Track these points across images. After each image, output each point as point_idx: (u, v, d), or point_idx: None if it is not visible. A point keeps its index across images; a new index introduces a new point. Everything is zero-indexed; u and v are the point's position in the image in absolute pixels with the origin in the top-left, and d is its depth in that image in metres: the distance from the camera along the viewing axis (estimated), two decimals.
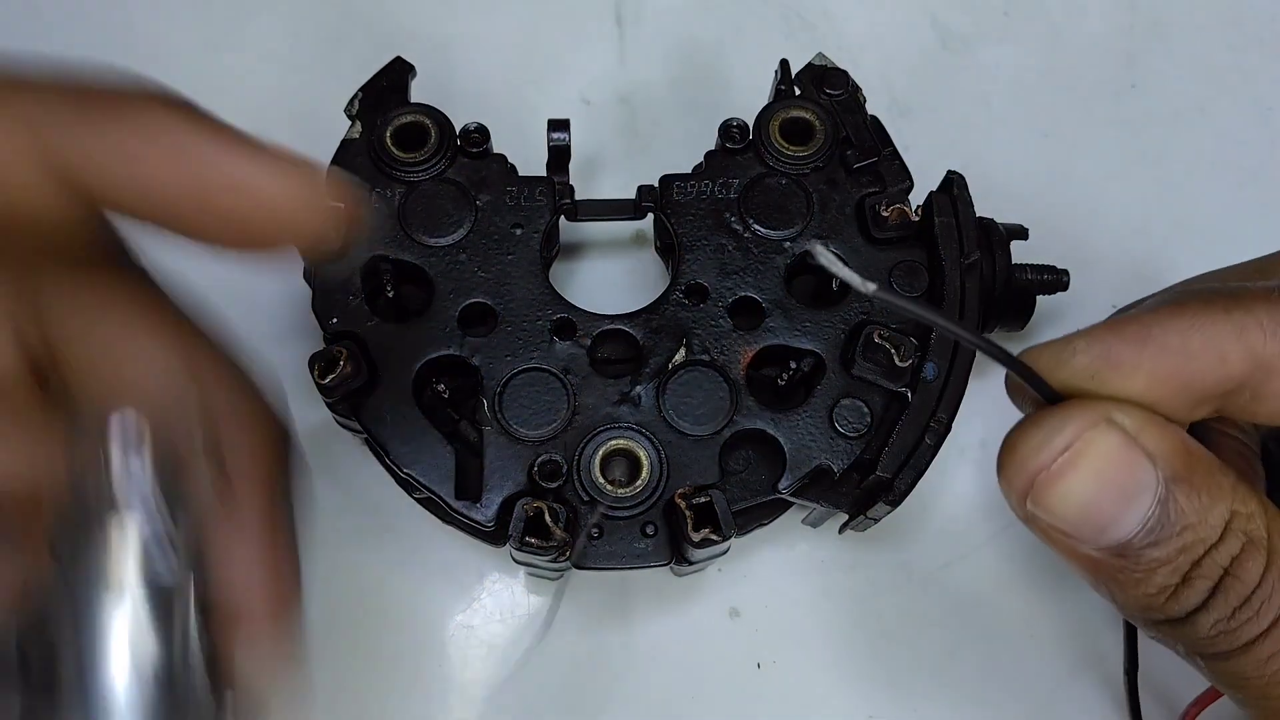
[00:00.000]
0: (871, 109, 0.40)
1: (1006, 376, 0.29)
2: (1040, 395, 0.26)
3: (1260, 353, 0.25)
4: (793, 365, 0.37)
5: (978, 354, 0.36)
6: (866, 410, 0.36)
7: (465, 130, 0.39)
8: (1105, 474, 0.24)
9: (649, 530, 0.35)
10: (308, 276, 0.38)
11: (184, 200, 0.23)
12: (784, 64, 0.40)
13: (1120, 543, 0.24)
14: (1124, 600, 0.26)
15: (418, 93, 0.40)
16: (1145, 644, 0.35)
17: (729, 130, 0.39)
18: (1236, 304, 0.25)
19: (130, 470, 0.22)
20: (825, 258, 0.21)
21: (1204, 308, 0.25)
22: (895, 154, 0.39)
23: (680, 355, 0.37)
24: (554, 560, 0.34)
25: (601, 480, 0.35)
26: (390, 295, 0.38)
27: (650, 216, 0.40)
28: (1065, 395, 0.26)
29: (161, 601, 0.22)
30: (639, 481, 0.35)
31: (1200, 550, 0.24)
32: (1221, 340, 0.25)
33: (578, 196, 0.40)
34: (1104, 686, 0.39)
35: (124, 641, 0.21)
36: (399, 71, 0.40)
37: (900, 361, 0.35)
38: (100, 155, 0.22)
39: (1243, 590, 0.24)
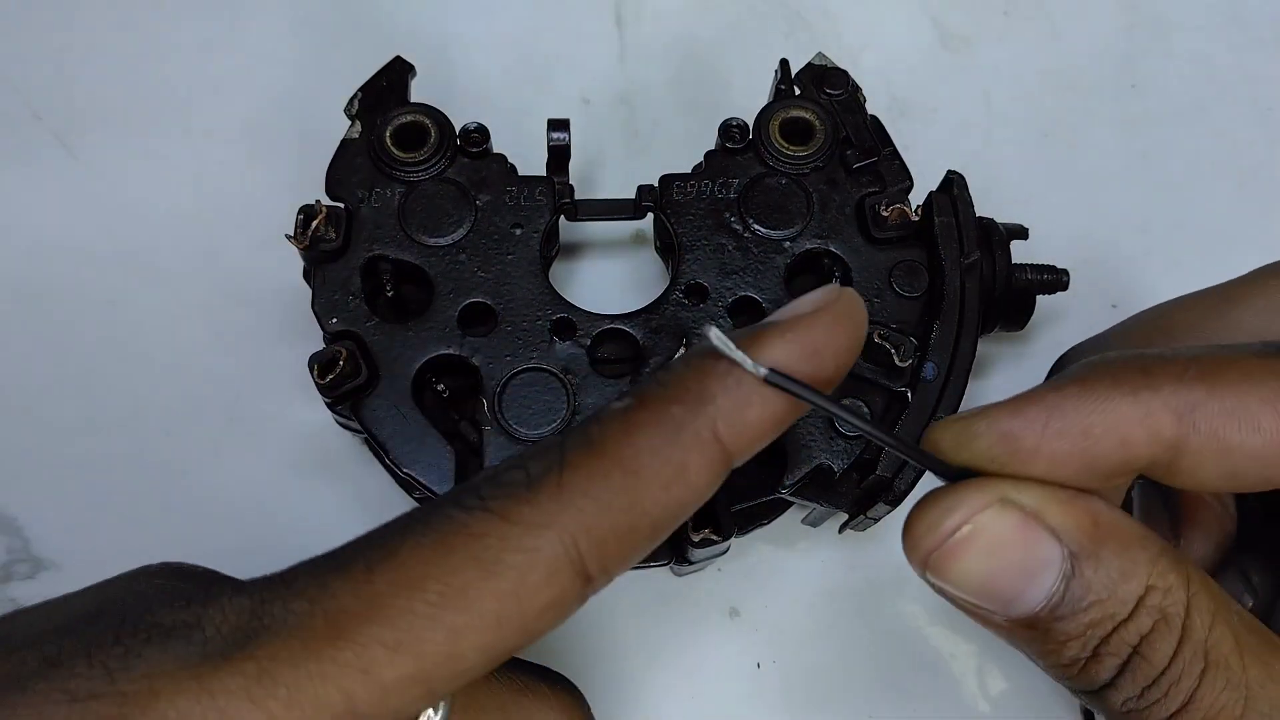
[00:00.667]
0: (871, 109, 0.40)
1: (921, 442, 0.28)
2: (939, 476, 0.26)
3: (1167, 436, 0.24)
4: None
5: (977, 353, 0.36)
6: (866, 410, 0.36)
7: (465, 130, 0.39)
8: (1000, 554, 0.24)
9: None
10: (307, 276, 0.38)
11: None
12: (784, 64, 0.40)
13: (1027, 616, 0.24)
14: (1042, 666, 0.25)
15: (418, 93, 0.40)
16: None
17: (729, 130, 0.39)
18: (1145, 383, 0.24)
19: None
20: (718, 340, 0.23)
21: (1110, 388, 0.24)
22: (895, 154, 0.39)
23: (680, 355, 0.37)
24: None
25: None
26: (390, 295, 0.38)
27: (650, 216, 0.40)
28: (969, 472, 0.25)
29: None
30: None
31: (1109, 626, 0.24)
32: (1124, 425, 0.24)
33: (578, 196, 0.40)
34: None
35: None
36: (399, 71, 0.40)
37: (900, 361, 0.35)
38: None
39: (1150, 672, 0.24)
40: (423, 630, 0.21)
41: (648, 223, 0.41)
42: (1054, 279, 0.40)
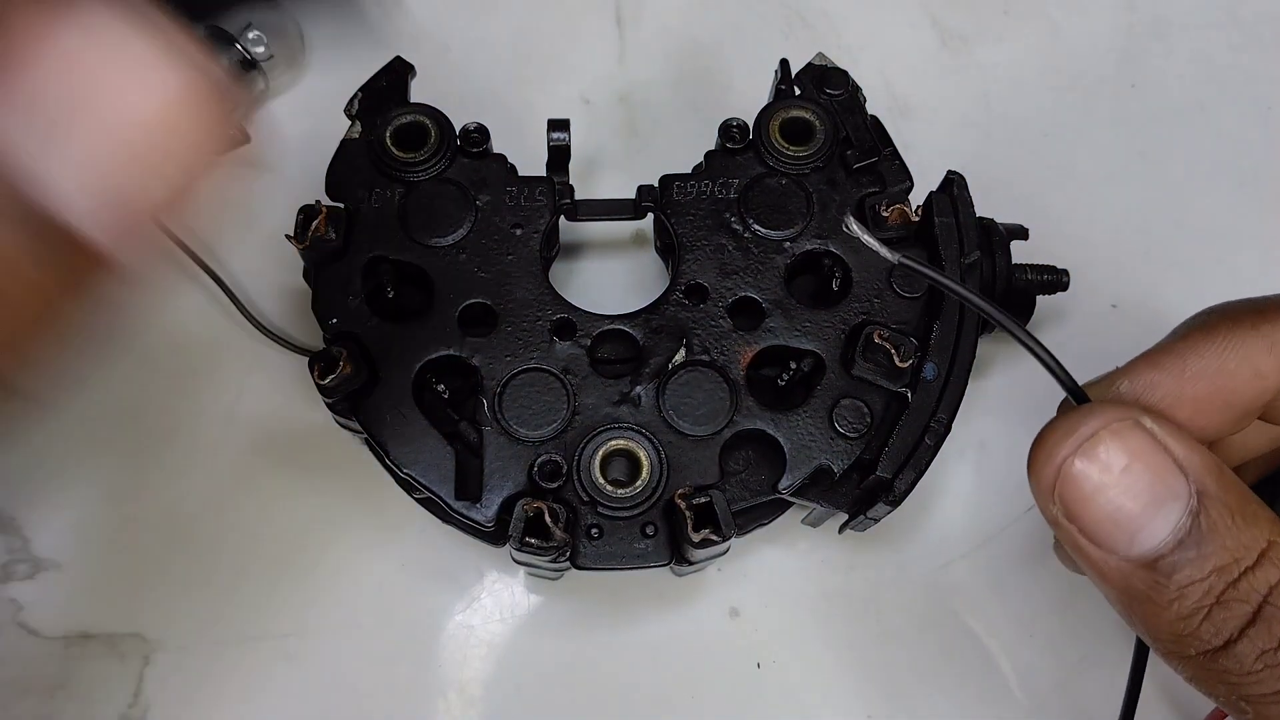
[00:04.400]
0: (871, 109, 0.40)
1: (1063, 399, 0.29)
2: (1074, 396, 0.26)
3: None
4: (793, 365, 0.37)
5: (977, 353, 0.36)
6: (866, 410, 0.36)
7: (465, 130, 0.39)
8: (1131, 468, 0.24)
9: (649, 530, 0.35)
10: (307, 276, 0.38)
11: None
12: (784, 64, 0.40)
13: (1149, 552, 0.24)
14: (1156, 626, 0.25)
15: (418, 93, 0.40)
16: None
17: (729, 130, 0.39)
18: (1263, 318, 0.26)
19: None
20: (856, 227, 0.24)
21: (1233, 327, 0.26)
22: (895, 154, 0.39)
23: (680, 355, 0.37)
24: (554, 560, 0.34)
25: (601, 480, 0.35)
26: (390, 295, 0.38)
27: (650, 216, 0.40)
28: None
29: None
30: (639, 482, 0.35)
31: (1235, 572, 0.23)
32: (1255, 357, 0.25)
33: (578, 196, 0.40)
34: (1101, 688, 0.39)
35: None
36: (399, 71, 0.40)
37: (900, 362, 0.35)
38: None
39: None
40: None
41: (648, 223, 0.41)
42: (1054, 279, 0.40)
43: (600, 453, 0.35)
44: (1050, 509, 0.25)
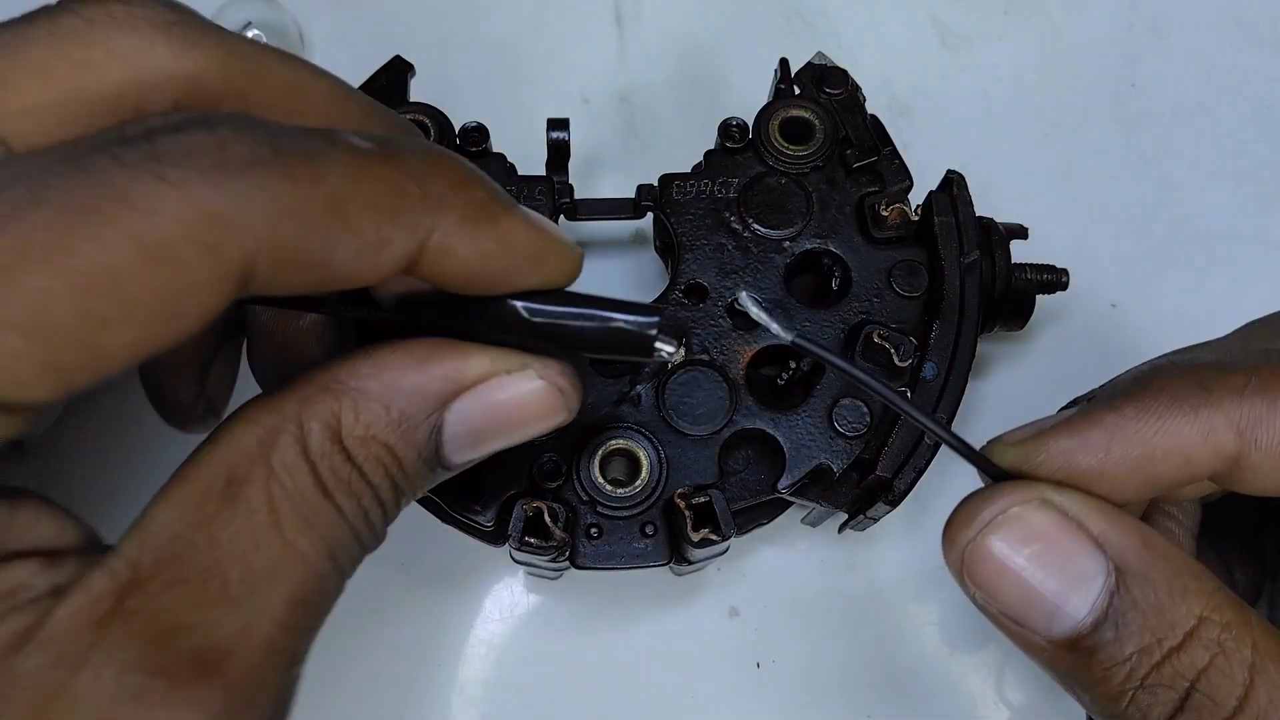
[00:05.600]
0: (871, 109, 0.40)
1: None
2: (988, 476, 0.26)
3: (1229, 452, 0.24)
4: (792, 365, 0.37)
5: (977, 353, 0.36)
6: (866, 410, 0.36)
7: (464, 129, 0.39)
8: (1037, 550, 0.24)
9: (648, 530, 0.35)
10: None
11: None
12: (784, 63, 0.40)
13: (1068, 633, 0.23)
14: (1091, 706, 0.24)
15: (418, 92, 0.40)
16: None
17: (728, 129, 0.39)
18: (1205, 400, 0.24)
19: None
20: (749, 302, 0.24)
21: (1171, 405, 0.24)
22: (895, 153, 0.39)
23: (680, 355, 0.37)
24: (553, 560, 0.34)
25: (601, 480, 0.35)
26: None
27: (649, 216, 0.40)
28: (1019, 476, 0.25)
29: None
30: (638, 481, 0.35)
31: (1158, 654, 0.22)
32: (1187, 443, 0.24)
33: (577, 195, 0.40)
34: None
35: None
36: (398, 70, 0.40)
37: (900, 361, 0.35)
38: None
39: (1217, 712, 0.22)
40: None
41: (647, 222, 0.41)
42: (1054, 279, 0.40)
43: (600, 452, 0.35)
44: (969, 591, 0.25)
